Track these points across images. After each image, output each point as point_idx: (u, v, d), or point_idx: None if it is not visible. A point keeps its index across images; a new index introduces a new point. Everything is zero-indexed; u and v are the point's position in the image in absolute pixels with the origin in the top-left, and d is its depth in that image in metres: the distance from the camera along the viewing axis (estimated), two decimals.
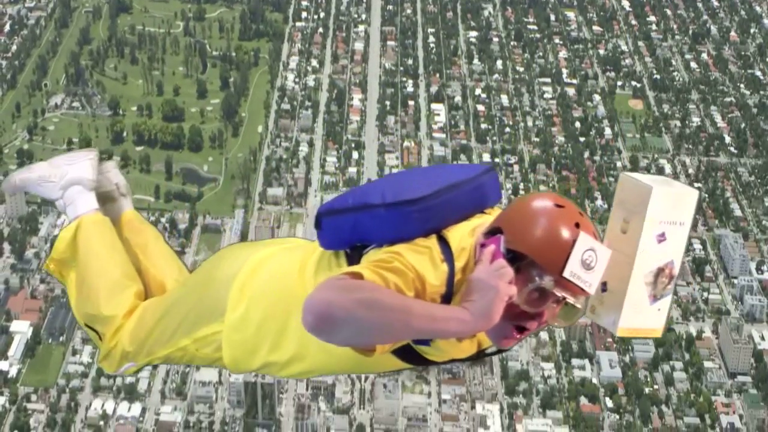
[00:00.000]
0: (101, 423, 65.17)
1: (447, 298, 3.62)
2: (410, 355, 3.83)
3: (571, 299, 3.53)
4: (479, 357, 3.98)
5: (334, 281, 3.43)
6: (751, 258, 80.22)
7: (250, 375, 68.00)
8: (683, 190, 3.74)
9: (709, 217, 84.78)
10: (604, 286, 3.65)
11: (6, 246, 79.54)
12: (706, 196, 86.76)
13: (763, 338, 72.91)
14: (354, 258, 3.87)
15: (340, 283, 3.42)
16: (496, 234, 3.61)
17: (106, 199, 5.25)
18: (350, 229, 3.87)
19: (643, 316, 3.71)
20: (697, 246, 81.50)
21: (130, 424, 65.35)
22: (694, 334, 73.17)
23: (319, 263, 4.01)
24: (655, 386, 68.82)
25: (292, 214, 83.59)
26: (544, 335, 72.22)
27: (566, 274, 3.47)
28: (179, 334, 4.42)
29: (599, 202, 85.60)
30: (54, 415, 65.55)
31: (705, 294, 77.33)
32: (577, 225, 3.57)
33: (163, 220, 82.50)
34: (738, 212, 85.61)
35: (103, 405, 66.32)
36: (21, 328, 71.57)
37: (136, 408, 66.28)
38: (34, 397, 67.05)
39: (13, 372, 68.64)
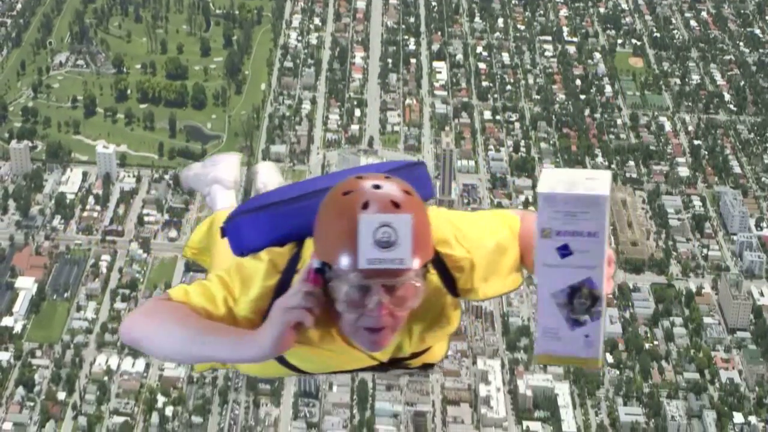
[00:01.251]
0: (105, 378, 64.00)
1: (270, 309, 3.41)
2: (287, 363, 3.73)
3: (393, 281, 3.23)
4: (394, 366, 3.78)
5: (148, 302, 3.59)
6: (751, 215, 78.98)
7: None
8: (585, 195, 3.17)
9: (708, 174, 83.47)
10: None
11: (11, 203, 78.16)
12: (706, 153, 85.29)
13: (762, 294, 71.88)
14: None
15: (149, 305, 3.56)
16: None
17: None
18: (236, 236, 3.76)
19: (563, 342, 3.28)
20: (697, 203, 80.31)
21: (134, 379, 64.18)
22: (694, 290, 72.05)
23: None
24: (655, 342, 67.71)
25: (295, 172, 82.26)
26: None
27: (362, 264, 3.16)
28: None
29: (599, 159, 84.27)
30: (58, 371, 64.41)
31: (704, 250, 76.11)
32: (366, 205, 3.22)
33: (167, 177, 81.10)
34: (737, 169, 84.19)
35: (107, 360, 65.18)
36: (26, 285, 70.35)
37: (140, 363, 65.08)
38: (38, 353, 65.88)
39: (18, 328, 67.46)
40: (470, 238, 3.67)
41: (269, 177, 5.87)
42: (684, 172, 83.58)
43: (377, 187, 3.27)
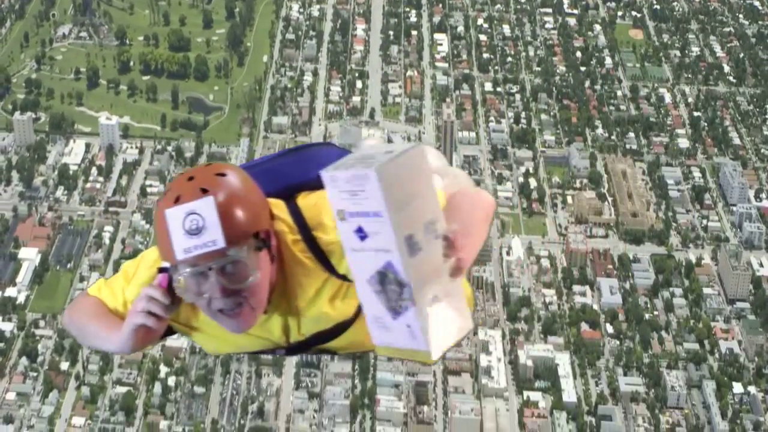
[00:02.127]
0: None
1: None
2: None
3: (219, 262, 3.26)
4: (295, 350, 3.76)
5: (77, 297, 3.92)
6: (750, 186, 78.01)
7: None
8: (356, 172, 2.99)
9: (708, 146, 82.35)
10: None
11: (14, 174, 77.04)
12: (706, 125, 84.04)
13: (761, 265, 70.94)
14: None
15: (75, 300, 3.88)
16: None
17: None
18: None
19: (392, 333, 3.09)
20: (697, 174, 79.26)
21: None
22: (694, 260, 71.09)
23: None
24: (655, 312, 66.81)
25: (297, 143, 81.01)
26: (545, 263, 69.90)
27: (180, 256, 3.24)
28: None
29: (600, 130, 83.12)
30: (62, 341, 63.42)
31: (704, 221, 75.12)
32: (178, 199, 3.25)
33: (169, 148, 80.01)
34: (737, 141, 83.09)
35: None
36: (29, 255, 69.39)
37: None
38: (42, 323, 64.98)
39: (21, 298, 66.53)
40: None
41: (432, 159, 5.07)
42: (684, 143, 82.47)
43: (191, 179, 3.28)
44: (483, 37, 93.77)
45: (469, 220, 3.38)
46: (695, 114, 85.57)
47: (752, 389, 61.64)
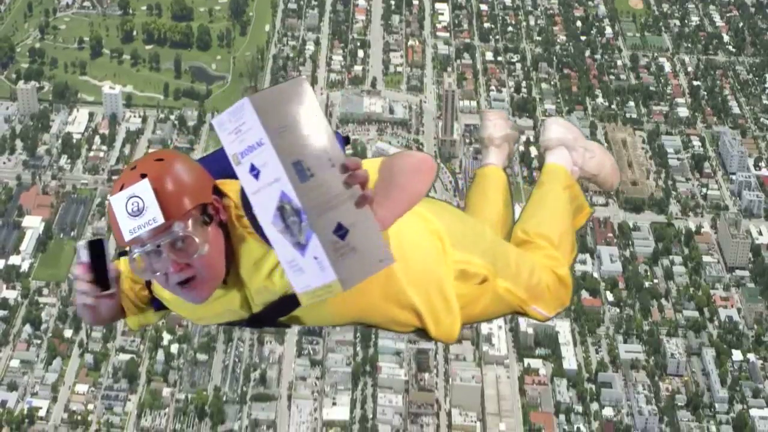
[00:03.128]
0: None
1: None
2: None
3: (165, 238, 3.33)
4: (257, 322, 3.77)
5: None
6: (749, 154, 76.67)
7: None
8: (234, 106, 2.99)
9: (707, 115, 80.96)
10: None
11: (18, 143, 75.78)
12: (705, 94, 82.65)
13: (760, 233, 69.84)
14: None
15: None
16: None
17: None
18: None
19: (307, 273, 2.98)
20: (696, 143, 77.98)
21: None
22: (693, 229, 69.94)
23: None
24: (655, 280, 65.72)
25: None
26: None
27: (127, 238, 3.33)
28: None
29: (600, 99, 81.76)
30: (65, 309, 62.44)
31: (704, 190, 73.89)
32: (122, 186, 3.35)
33: (172, 117, 78.67)
34: (736, 110, 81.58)
35: None
36: (33, 224, 68.24)
37: None
38: (45, 291, 63.91)
39: (25, 266, 65.42)
40: None
41: (499, 126, 5.44)
42: (683, 112, 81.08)
43: (133, 168, 3.37)
44: (484, 7, 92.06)
45: (390, 165, 3.43)
46: (695, 83, 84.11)
47: (751, 357, 60.63)
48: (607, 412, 57.60)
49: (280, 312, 3.73)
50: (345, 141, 3.70)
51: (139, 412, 56.90)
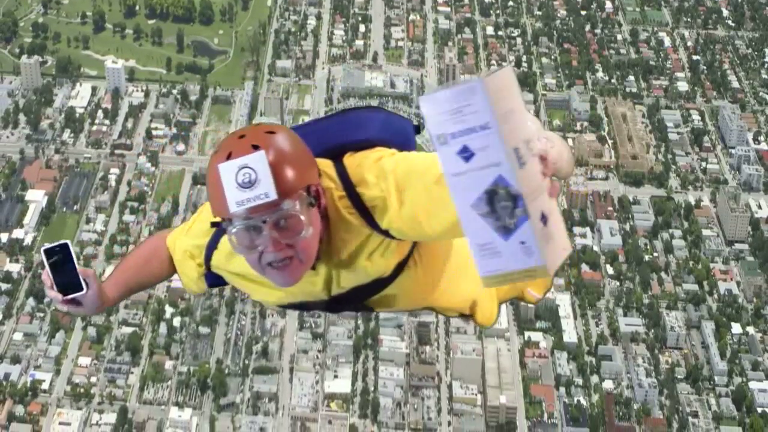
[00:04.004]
0: None
1: (209, 249, 3.65)
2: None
3: (272, 216, 3.21)
4: (334, 305, 3.74)
5: (155, 234, 3.99)
6: (748, 128, 75.47)
7: None
8: (462, 87, 2.80)
9: (707, 89, 79.72)
10: None
11: (21, 117, 74.58)
12: (705, 68, 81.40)
13: (759, 207, 68.84)
14: None
15: (150, 238, 3.98)
16: None
17: None
18: None
19: (503, 257, 2.86)
20: (696, 117, 76.76)
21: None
22: (693, 202, 68.84)
23: None
24: (655, 254, 64.70)
25: (301, 86, 78.70)
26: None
27: (233, 210, 3.18)
28: None
29: (600, 74, 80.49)
30: None
31: (703, 164, 72.75)
32: (230, 155, 3.19)
33: (174, 91, 77.39)
34: (735, 84, 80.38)
35: None
36: (36, 197, 67.18)
37: None
38: None
39: (28, 240, 64.39)
40: (395, 178, 3.41)
41: None
42: (683, 86, 79.85)
43: (242, 136, 3.24)
44: None
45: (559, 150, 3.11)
46: (694, 57, 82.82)
47: (750, 330, 59.71)
48: (607, 384, 56.76)
49: (362, 295, 3.71)
50: (416, 130, 3.81)
51: (141, 384, 56.05)
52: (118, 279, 3.81)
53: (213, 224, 3.33)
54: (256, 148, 3.18)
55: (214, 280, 3.80)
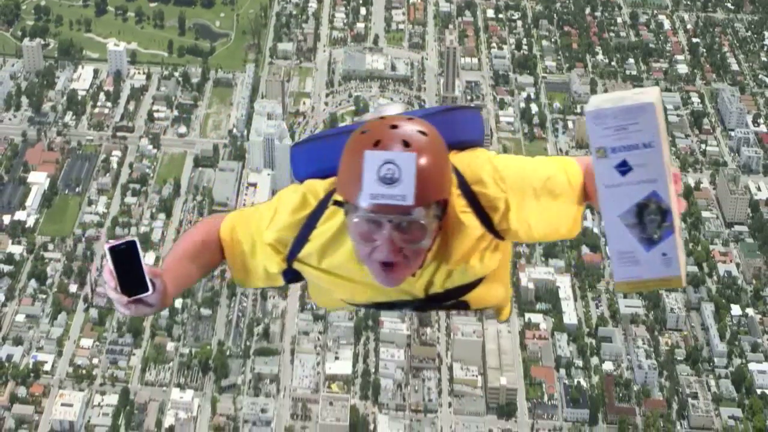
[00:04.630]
0: None
1: (298, 243, 3.50)
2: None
3: (398, 218, 3.13)
4: (426, 304, 3.66)
5: (208, 218, 3.74)
6: (748, 111, 74.69)
7: None
8: (631, 105, 2.95)
9: (706, 72, 78.81)
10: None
11: (24, 99, 73.69)
12: (704, 51, 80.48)
13: (759, 189, 68.17)
14: None
15: (204, 221, 3.73)
16: None
17: None
18: (299, 161, 3.76)
19: (642, 265, 3.04)
20: (696, 99, 75.90)
21: None
22: (693, 184, 68.04)
23: None
24: None
25: (302, 69, 77.76)
26: None
27: (366, 198, 3.08)
28: None
29: (600, 56, 79.58)
30: (70, 264, 60.77)
31: (703, 146, 71.90)
32: (377, 143, 3.11)
33: (176, 74, 76.47)
34: (735, 66, 79.49)
35: None
36: (38, 180, 66.39)
37: (150, 257, 61.15)
38: (51, 246, 62.18)
39: (30, 222, 63.65)
40: (511, 180, 3.42)
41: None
42: (683, 69, 78.94)
43: (394, 126, 3.14)
44: None
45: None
46: (694, 40, 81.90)
47: (750, 311, 59.03)
48: (607, 366, 56.11)
49: (457, 294, 3.62)
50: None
51: (143, 366, 55.40)
52: (175, 274, 3.47)
53: (336, 203, 3.28)
54: (406, 145, 3.09)
55: (291, 276, 3.64)
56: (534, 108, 74.37)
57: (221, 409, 53.50)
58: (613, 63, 79.11)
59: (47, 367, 55.04)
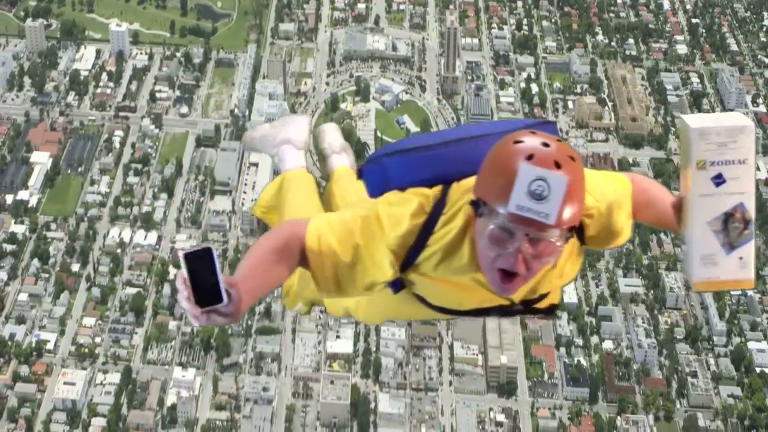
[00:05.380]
0: (118, 251, 59.63)
1: (416, 249, 3.47)
2: (419, 298, 3.69)
3: (535, 233, 3.19)
4: (523, 311, 3.68)
5: (288, 223, 3.61)
6: (747, 91, 73.76)
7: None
8: (734, 125, 3.26)
9: (706, 52, 77.74)
10: (683, 239, 3.36)
11: (26, 80, 72.64)
12: (704, 31, 79.34)
13: (758, 169, 66.82)
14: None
15: (284, 226, 3.57)
16: None
17: (322, 157, 5.37)
18: (380, 176, 3.75)
19: (720, 267, 3.28)
20: (695, 80, 74.86)
21: (146, 251, 59.75)
22: None
23: None
24: None
25: (303, 49, 76.68)
26: None
27: (511, 208, 3.16)
28: None
29: (600, 37, 78.52)
30: (73, 243, 59.99)
31: None
32: (530, 157, 3.17)
33: (178, 54, 75.40)
34: (734, 47, 78.40)
35: (120, 233, 60.76)
36: (41, 159, 65.49)
37: (152, 236, 60.66)
38: (53, 226, 61.34)
39: (33, 201, 62.81)
40: (597, 190, 3.57)
41: (333, 137, 5.47)
42: (682, 49, 77.83)
43: (546, 144, 3.21)
44: None
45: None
46: (693, 20, 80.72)
47: (749, 291, 58.18)
48: (607, 345, 55.43)
49: (542, 298, 3.66)
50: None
51: (145, 345, 54.69)
52: (250, 283, 3.25)
53: (472, 202, 3.31)
54: (557, 166, 3.15)
55: (399, 285, 3.61)
56: (534, 88, 73.38)
57: (223, 387, 52.82)
58: (612, 43, 78.05)
59: (50, 346, 54.30)
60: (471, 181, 3.42)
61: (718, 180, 3.21)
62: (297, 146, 5.30)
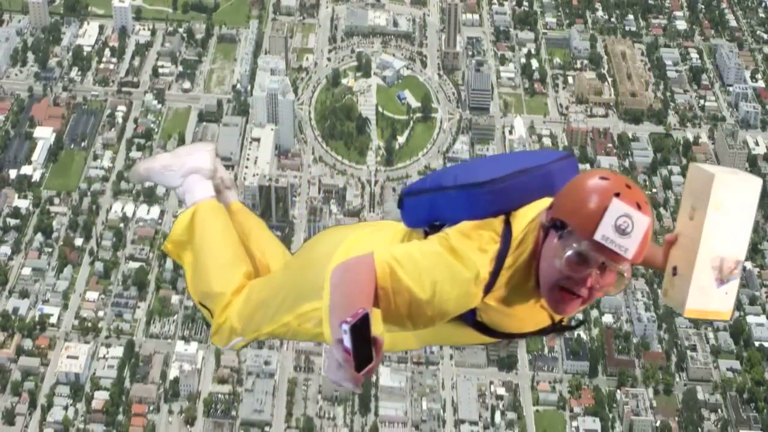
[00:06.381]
0: (121, 225, 58.62)
1: (494, 275, 3.49)
2: (479, 325, 3.67)
3: (611, 264, 3.32)
4: (556, 330, 3.73)
5: (361, 260, 3.46)
6: (746, 67, 72.29)
7: (264, 179, 61.21)
8: (747, 179, 3.50)
9: (705, 28, 76.29)
10: (674, 271, 3.53)
11: (30, 55, 71.25)
12: (703, 7, 77.89)
13: (757, 143, 66.20)
14: (431, 235, 3.72)
15: (357, 264, 3.44)
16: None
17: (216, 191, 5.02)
18: (427, 209, 3.78)
19: (709, 298, 3.51)
20: (694, 55, 73.47)
21: (149, 226, 58.73)
22: (691, 139, 66.06)
23: (401, 241, 3.90)
24: (654, 190, 62.16)
25: (305, 25, 75.26)
26: (547, 141, 64.77)
27: (597, 237, 3.28)
28: (282, 311, 4.24)
29: (599, 12, 77.14)
30: (76, 218, 58.97)
31: (701, 101, 69.62)
32: (617, 194, 3.32)
33: (180, 30, 73.97)
34: (733, 23, 76.93)
35: (123, 208, 59.70)
36: (44, 134, 64.33)
37: (155, 211, 59.58)
38: (57, 201, 60.30)
39: (36, 176, 61.72)
40: None
41: (224, 172, 5.09)
42: (681, 25, 76.36)
43: (629, 186, 3.36)
44: None
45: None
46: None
47: (748, 264, 57.08)
48: (607, 319, 54.47)
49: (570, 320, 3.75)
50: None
51: (148, 319, 53.76)
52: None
53: (551, 225, 3.41)
54: (639, 207, 3.29)
55: (473, 317, 3.62)
56: (534, 63, 72.02)
57: (225, 361, 51.93)
58: (612, 19, 76.55)
59: (53, 320, 53.39)
60: (530, 208, 3.56)
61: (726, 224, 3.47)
62: (205, 175, 4.94)
